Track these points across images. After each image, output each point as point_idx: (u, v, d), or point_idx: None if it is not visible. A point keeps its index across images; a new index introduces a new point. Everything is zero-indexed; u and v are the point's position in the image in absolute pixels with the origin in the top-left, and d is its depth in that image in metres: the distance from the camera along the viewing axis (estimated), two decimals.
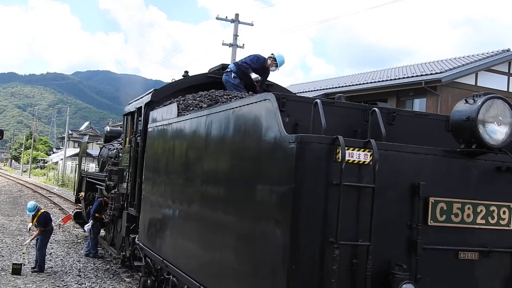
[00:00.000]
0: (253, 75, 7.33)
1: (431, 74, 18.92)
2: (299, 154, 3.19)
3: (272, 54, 7.47)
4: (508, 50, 20.98)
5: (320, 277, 3.14)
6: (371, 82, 21.47)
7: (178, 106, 6.06)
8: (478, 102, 3.46)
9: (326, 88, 23.82)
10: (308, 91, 24.08)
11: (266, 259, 3.47)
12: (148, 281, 6.69)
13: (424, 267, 3.39)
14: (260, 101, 3.79)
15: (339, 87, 22.92)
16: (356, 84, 22.22)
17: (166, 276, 5.90)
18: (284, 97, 3.77)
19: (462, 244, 3.52)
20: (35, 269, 9.13)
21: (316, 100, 3.54)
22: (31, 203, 9.37)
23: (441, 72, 18.72)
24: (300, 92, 23.48)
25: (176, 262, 5.38)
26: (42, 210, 9.49)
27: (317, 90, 24.13)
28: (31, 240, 9.47)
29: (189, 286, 4.86)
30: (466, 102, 3.55)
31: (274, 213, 3.43)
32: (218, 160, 4.57)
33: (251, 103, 3.95)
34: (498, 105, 3.51)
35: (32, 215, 9.30)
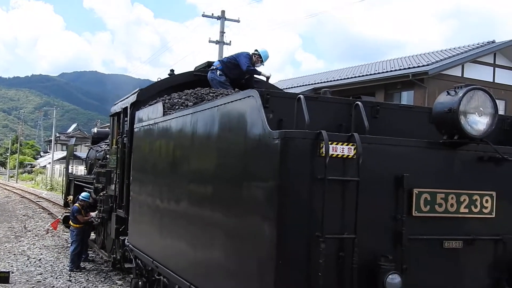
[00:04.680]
0: (266, 73, 7.47)
1: (418, 66, 19.10)
2: (283, 150, 3.20)
3: (256, 50, 7.48)
4: (493, 42, 21.23)
5: (307, 271, 3.16)
6: (359, 76, 21.58)
7: (163, 105, 6.03)
8: (459, 93, 3.50)
9: (315, 83, 23.89)
10: (297, 86, 24.13)
11: (254, 255, 3.49)
12: (140, 283, 6.66)
13: (409, 257, 3.43)
14: (244, 98, 3.79)
15: (328, 81, 23.00)
16: (345, 78, 22.32)
17: (157, 276, 5.88)
18: (268, 93, 3.77)
19: (447, 233, 3.56)
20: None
21: (299, 96, 3.55)
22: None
23: (428, 65, 18.90)
24: (289, 88, 23.52)
25: (166, 262, 5.37)
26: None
27: (306, 85, 24.18)
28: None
29: (180, 286, 4.86)
30: (448, 94, 3.59)
31: (260, 210, 3.44)
32: (205, 158, 4.56)
33: (235, 100, 3.95)
34: (479, 96, 3.55)
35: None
